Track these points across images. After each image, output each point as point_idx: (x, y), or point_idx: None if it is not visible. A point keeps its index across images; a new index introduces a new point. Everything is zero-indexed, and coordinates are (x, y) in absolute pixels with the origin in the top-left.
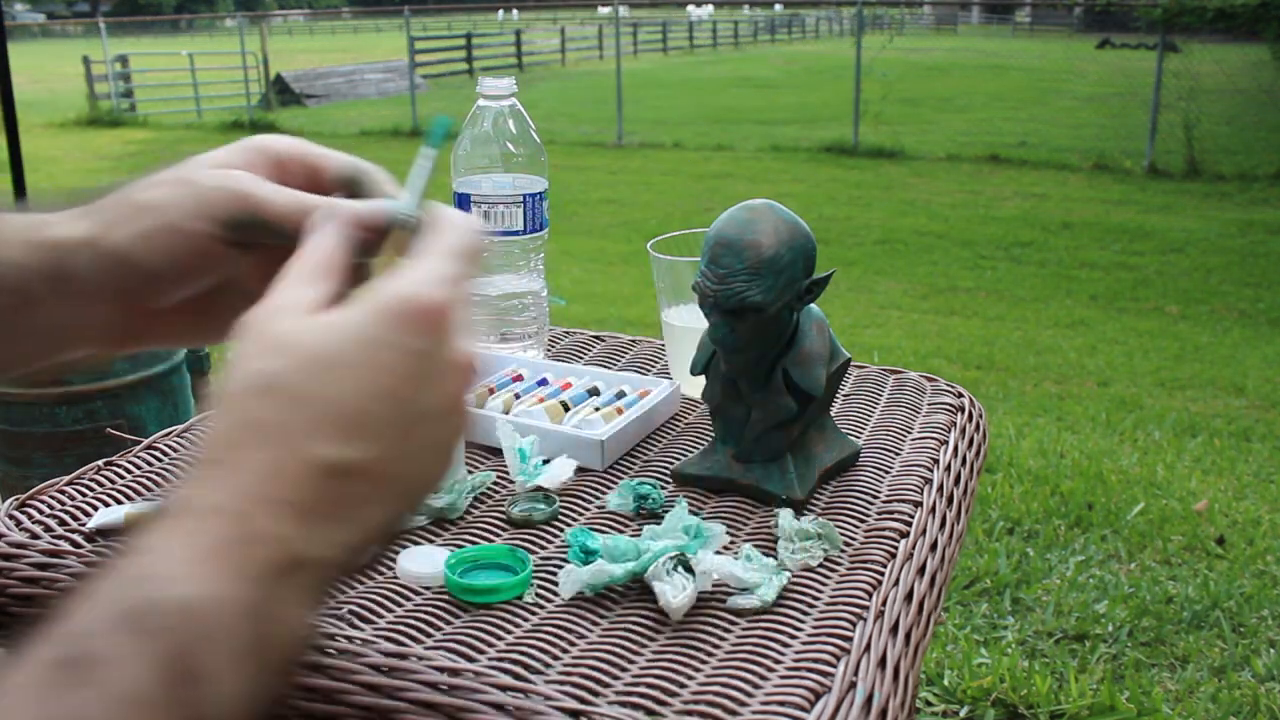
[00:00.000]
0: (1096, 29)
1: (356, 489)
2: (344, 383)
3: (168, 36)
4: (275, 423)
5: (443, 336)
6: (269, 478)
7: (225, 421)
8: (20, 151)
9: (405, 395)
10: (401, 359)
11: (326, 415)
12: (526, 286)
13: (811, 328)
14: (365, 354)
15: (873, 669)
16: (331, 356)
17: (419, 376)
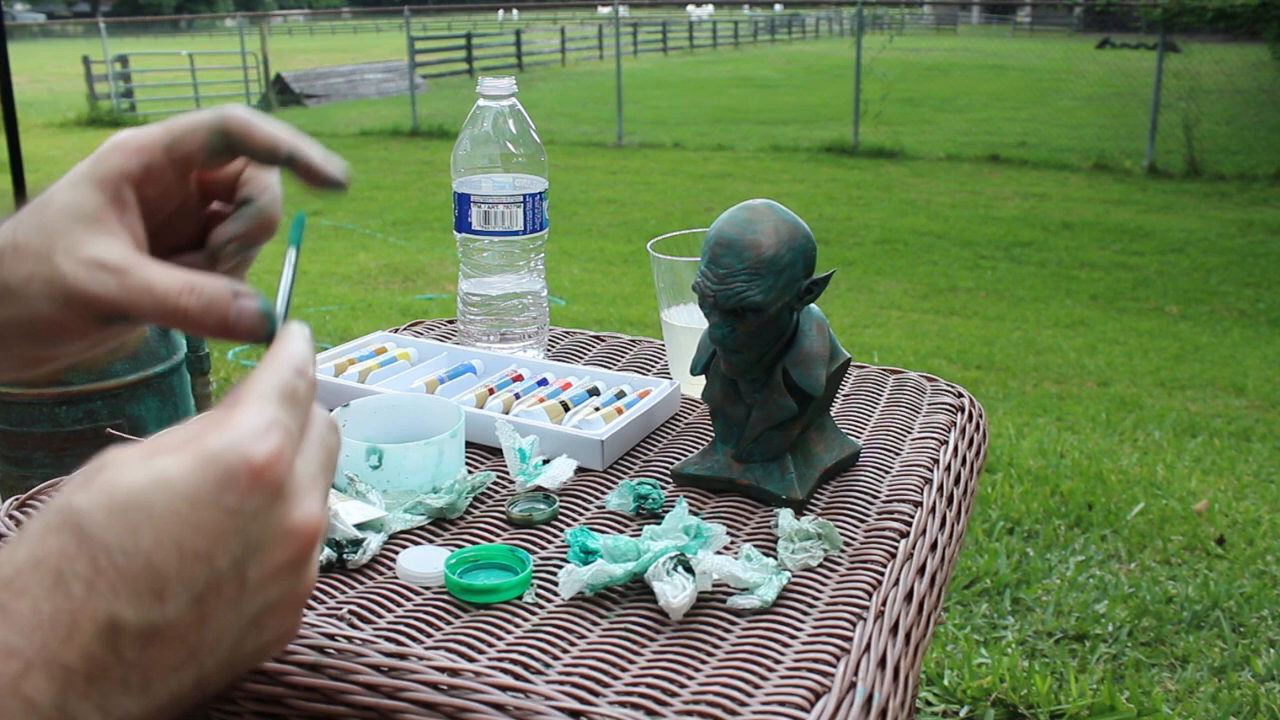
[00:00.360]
0: (1096, 29)
1: (152, 655)
2: (148, 536)
3: (168, 36)
4: (60, 569)
5: (272, 496)
6: (40, 629)
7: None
8: (20, 151)
9: (219, 559)
10: (219, 519)
11: (122, 569)
12: (526, 286)
13: (811, 328)
14: (182, 509)
15: (873, 669)
16: (145, 507)
17: (238, 540)
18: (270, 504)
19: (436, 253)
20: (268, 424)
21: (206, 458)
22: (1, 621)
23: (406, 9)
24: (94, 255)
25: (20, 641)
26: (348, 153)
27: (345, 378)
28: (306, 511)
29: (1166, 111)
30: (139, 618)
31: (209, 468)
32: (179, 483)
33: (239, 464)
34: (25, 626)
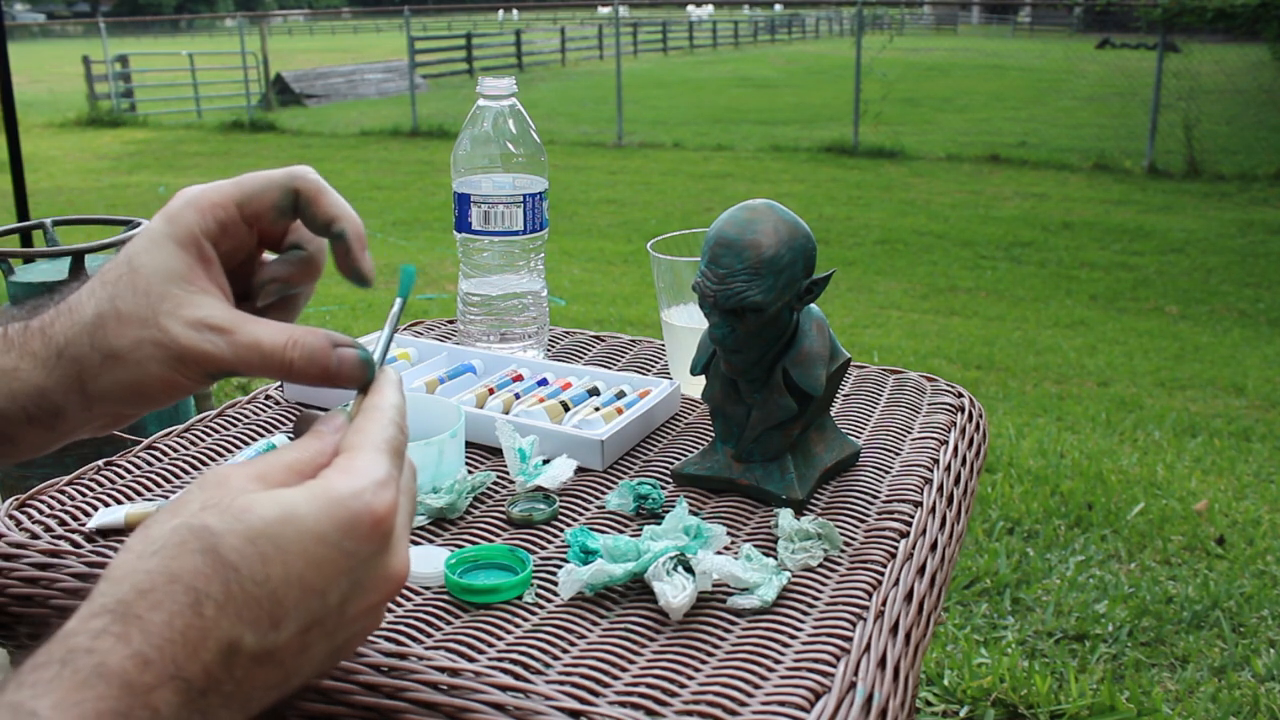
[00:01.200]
0: (1096, 29)
1: (255, 674)
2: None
3: (168, 36)
4: (196, 588)
5: (382, 544)
6: (172, 644)
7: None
8: (20, 151)
9: (330, 595)
10: (338, 560)
11: (250, 596)
12: (526, 286)
13: (811, 328)
14: (306, 547)
15: (873, 669)
16: (276, 540)
17: (348, 581)
18: (379, 551)
19: (436, 253)
20: (385, 477)
21: (334, 501)
22: (138, 632)
23: (406, 9)
24: (201, 317)
25: (154, 654)
26: (348, 152)
27: None
28: (402, 560)
29: (1166, 111)
30: (256, 642)
31: (336, 511)
32: (309, 521)
33: (364, 512)
34: (159, 640)
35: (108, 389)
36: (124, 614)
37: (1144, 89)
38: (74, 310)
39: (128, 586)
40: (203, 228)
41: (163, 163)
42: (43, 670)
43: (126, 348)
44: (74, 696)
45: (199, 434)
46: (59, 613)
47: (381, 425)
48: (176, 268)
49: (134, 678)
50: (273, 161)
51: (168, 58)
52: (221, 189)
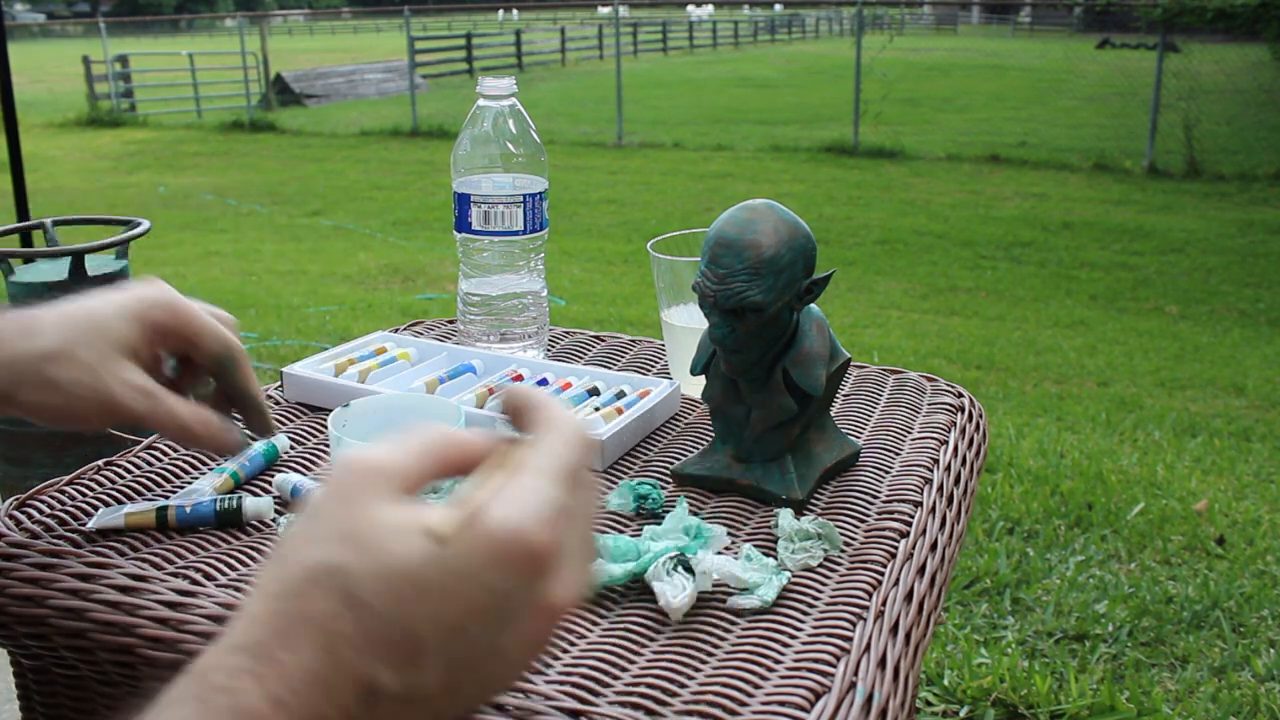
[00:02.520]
0: (1096, 29)
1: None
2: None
3: (168, 36)
4: (336, 631)
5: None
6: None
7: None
8: (20, 151)
9: (477, 633)
10: (486, 598)
11: (387, 635)
12: (526, 286)
13: (811, 328)
14: (450, 584)
15: (873, 669)
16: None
17: (498, 617)
18: (536, 583)
19: (436, 253)
20: (549, 507)
21: (484, 536)
22: (274, 673)
23: (406, 9)
24: (136, 382)
25: (289, 697)
26: (348, 152)
27: (345, 378)
28: (567, 590)
29: (1166, 111)
30: (396, 683)
31: (485, 546)
32: (452, 560)
33: (519, 548)
34: (295, 683)
35: (32, 405)
36: (259, 655)
37: (1144, 89)
38: (34, 335)
39: (263, 628)
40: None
41: (163, 163)
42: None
43: (67, 383)
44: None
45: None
46: (60, 613)
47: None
48: (128, 339)
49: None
50: (273, 161)
51: (168, 58)
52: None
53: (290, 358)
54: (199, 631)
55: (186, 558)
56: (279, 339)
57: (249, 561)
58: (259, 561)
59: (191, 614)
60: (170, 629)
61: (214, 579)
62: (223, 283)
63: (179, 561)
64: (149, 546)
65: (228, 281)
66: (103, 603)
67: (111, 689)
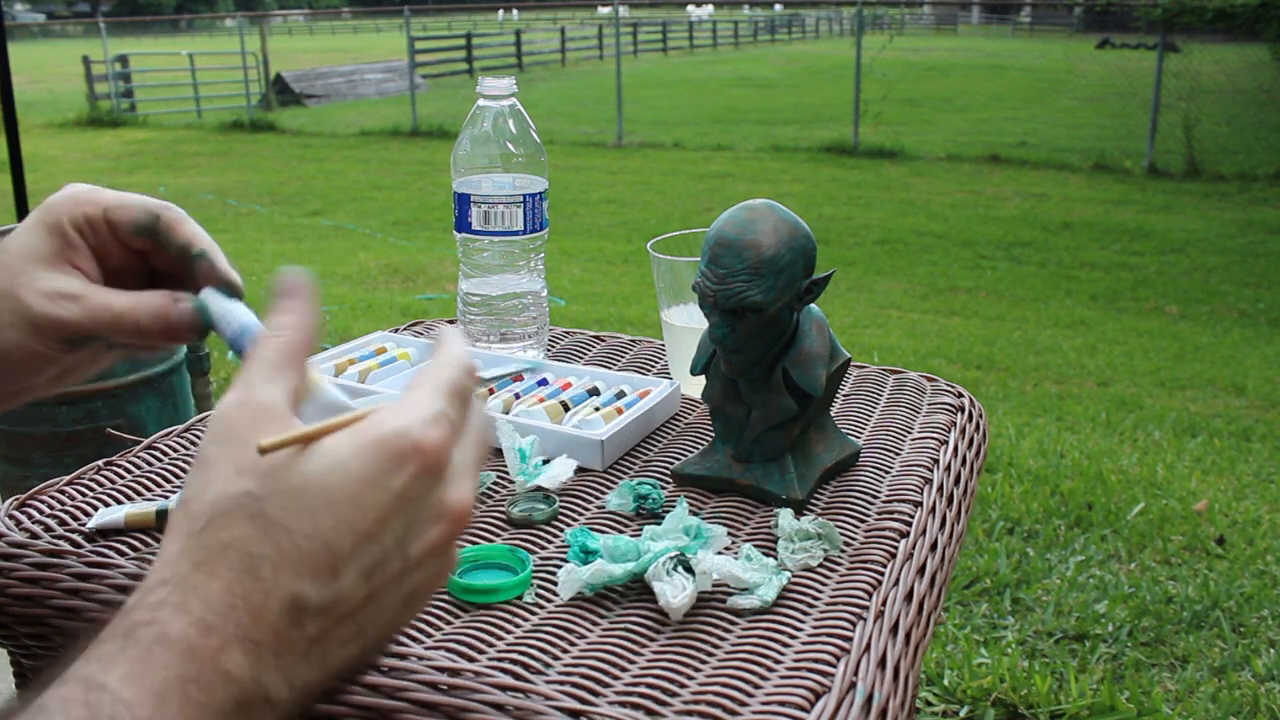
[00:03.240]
0: (1096, 29)
1: (324, 628)
2: (326, 519)
3: (168, 36)
4: (250, 552)
5: (434, 480)
6: (234, 609)
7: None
8: (20, 151)
9: (386, 538)
10: (388, 500)
11: (304, 551)
12: (526, 286)
13: (811, 328)
14: (352, 491)
15: (873, 669)
16: (317, 490)
17: (403, 520)
18: (433, 485)
19: (436, 253)
20: (436, 413)
21: (377, 439)
22: (197, 600)
23: (406, 9)
24: (55, 288)
25: (217, 620)
26: (348, 152)
27: (345, 378)
28: (461, 493)
29: (1166, 111)
30: (319, 595)
31: (380, 449)
32: (353, 465)
33: (408, 448)
34: (220, 606)
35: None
36: (180, 584)
37: (1144, 89)
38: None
39: (183, 561)
40: (70, 218)
41: (163, 163)
42: (107, 644)
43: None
44: (140, 667)
45: (199, 434)
46: (59, 613)
47: (442, 368)
48: (39, 248)
49: (197, 643)
50: (273, 161)
51: (168, 58)
52: (98, 192)
53: None
54: None
55: None
56: None
57: None
58: None
59: None
60: None
61: None
62: None
63: None
64: (149, 546)
65: None
66: (103, 603)
67: None
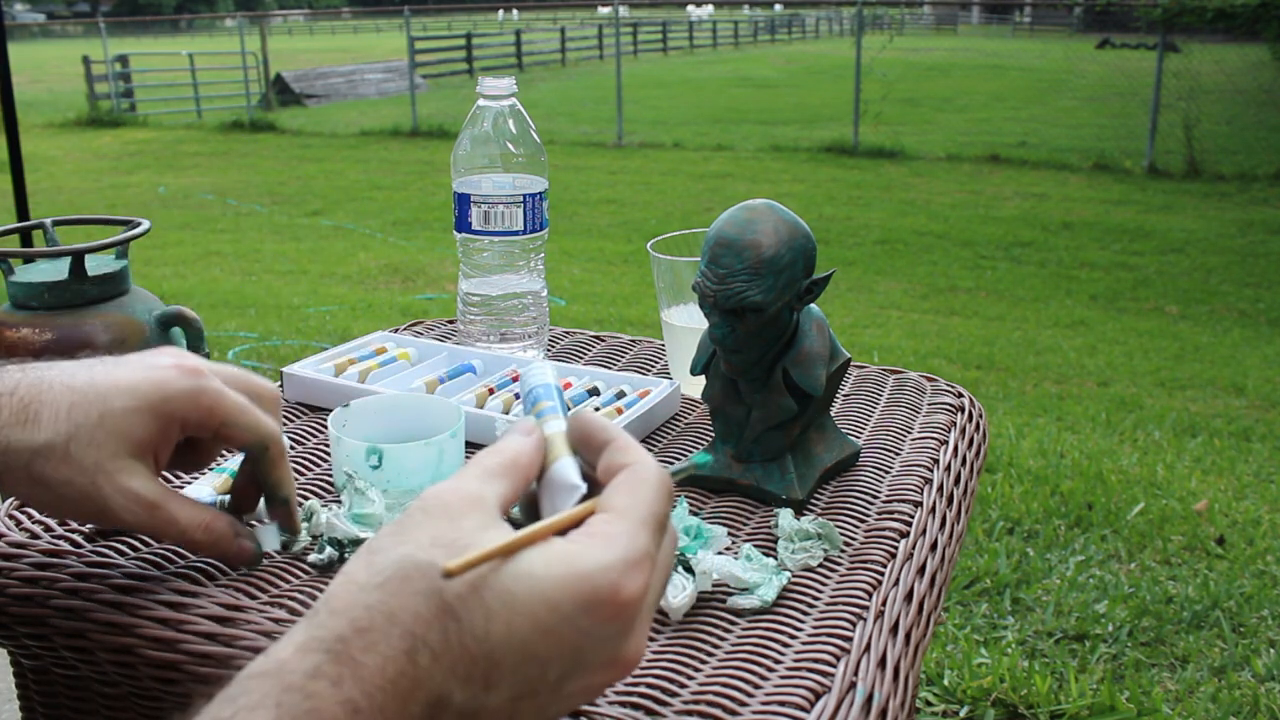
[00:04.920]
0: (1096, 29)
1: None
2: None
3: (168, 36)
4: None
5: (622, 629)
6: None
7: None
8: (20, 151)
9: (550, 669)
10: (569, 635)
11: (468, 651)
12: (526, 286)
13: (811, 328)
14: (536, 610)
15: (873, 669)
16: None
17: (576, 657)
18: (618, 634)
19: (436, 253)
20: (641, 556)
21: (578, 574)
22: (351, 676)
23: (406, 9)
24: (133, 489)
25: (364, 702)
26: (348, 152)
27: (345, 378)
28: (638, 646)
29: (1166, 111)
30: (465, 701)
31: (578, 584)
32: (545, 585)
33: (609, 593)
34: (370, 686)
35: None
36: (339, 653)
37: (1144, 89)
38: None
39: (345, 622)
40: (184, 419)
41: (163, 163)
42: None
43: (56, 482)
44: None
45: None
46: (59, 613)
47: (650, 493)
48: (138, 435)
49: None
50: (273, 161)
51: (168, 58)
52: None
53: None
54: (199, 631)
55: (186, 558)
56: (279, 339)
57: None
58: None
59: (191, 614)
60: (170, 629)
61: (214, 579)
62: (223, 283)
63: (179, 561)
64: (149, 546)
65: (228, 281)
66: (103, 603)
67: (111, 689)
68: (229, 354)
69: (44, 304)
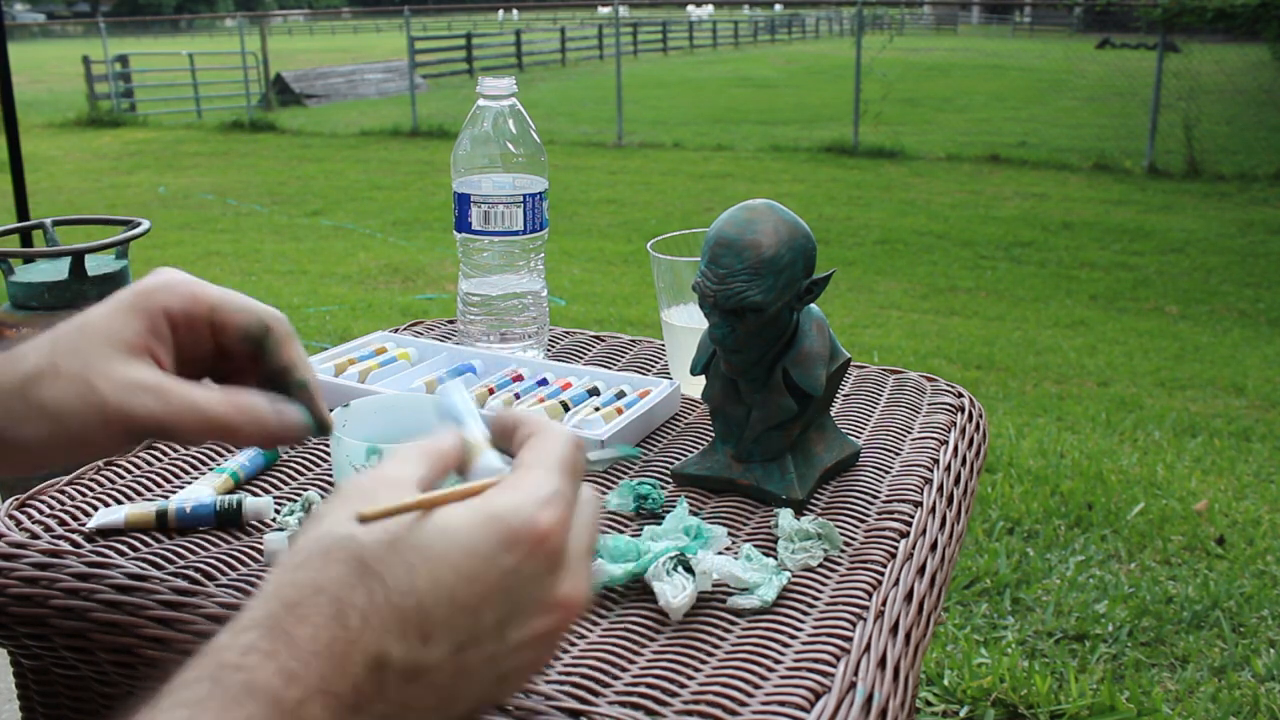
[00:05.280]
0: (1096, 29)
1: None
2: (424, 579)
3: (168, 36)
4: (340, 598)
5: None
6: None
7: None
8: (20, 151)
9: (485, 615)
10: (494, 576)
11: (396, 607)
12: (526, 286)
13: (811, 328)
14: (455, 559)
15: (873, 669)
16: (424, 551)
17: (507, 602)
18: (545, 572)
19: (436, 253)
20: (553, 493)
21: (491, 514)
22: (285, 647)
23: (406, 9)
24: (132, 378)
25: (300, 669)
26: (348, 152)
27: (345, 378)
28: (575, 586)
29: (1166, 111)
30: (405, 657)
31: (492, 524)
32: (461, 533)
33: (523, 527)
34: (305, 654)
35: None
36: (271, 628)
37: (1144, 89)
38: (16, 360)
39: (275, 601)
40: (167, 307)
41: (163, 163)
42: (196, 687)
43: (53, 400)
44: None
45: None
46: (59, 613)
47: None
48: (123, 332)
49: (281, 693)
50: (273, 161)
51: (168, 58)
52: (205, 287)
53: None
54: (199, 631)
55: (186, 558)
56: None
57: (249, 561)
58: (259, 561)
59: (191, 614)
60: (170, 629)
61: (214, 579)
62: (222, 283)
63: (179, 561)
64: (149, 546)
65: (228, 281)
66: (103, 602)
67: (111, 689)
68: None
69: (44, 304)
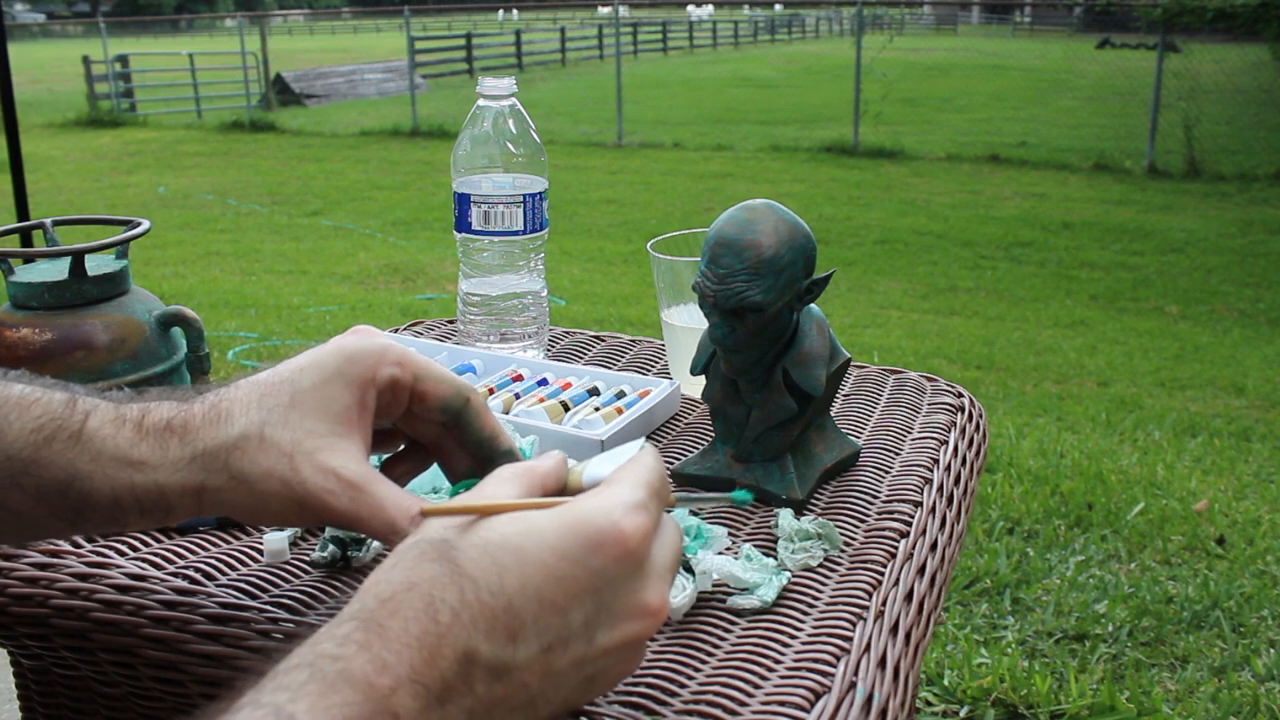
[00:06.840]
0: (1096, 29)
1: (496, 691)
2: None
3: (168, 36)
4: (432, 595)
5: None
6: (409, 648)
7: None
8: (20, 151)
9: (572, 614)
10: (582, 577)
11: (486, 606)
12: (526, 286)
13: (811, 328)
14: (545, 559)
15: (873, 669)
16: (514, 552)
17: (595, 603)
18: (630, 576)
19: (436, 253)
20: (639, 503)
21: (580, 518)
22: (378, 638)
23: (406, 9)
24: (335, 467)
25: (392, 659)
26: (348, 152)
27: None
28: (660, 595)
29: (1166, 111)
30: (493, 654)
31: (581, 528)
32: (550, 535)
33: (611, 530)
34: (397, 645)
35: (224, 504)
36: (366, 620)
37: (1144, 89)
38: (220, 421)
39: (371, 596)
40: (378, 379)
41: (163, 163)
42: (295, 673)
43: (255, 475)
44: (323, 701)
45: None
46: (59, 613)
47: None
48: (332, 407)
49: (374, 680)
50: (273, 161)
51: (168, 58)
52: (409, 355)
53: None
54: (199, 631)
55: (186, 558)
56: (279, 339)
57: (249, 561)
58: (259, 562)
59: (191, 614)
60: (170, 629)
61: (214, 579)
62: (223, 283)
63: (179, 561)
64: (149, 546)
65: (228, 281)
66: (103, 602)
67: (111, 689)
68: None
69: (44, 304)
